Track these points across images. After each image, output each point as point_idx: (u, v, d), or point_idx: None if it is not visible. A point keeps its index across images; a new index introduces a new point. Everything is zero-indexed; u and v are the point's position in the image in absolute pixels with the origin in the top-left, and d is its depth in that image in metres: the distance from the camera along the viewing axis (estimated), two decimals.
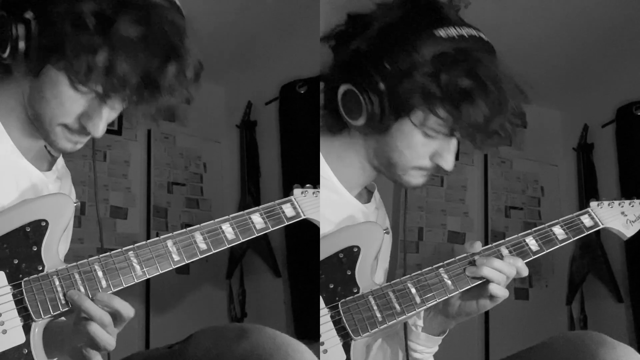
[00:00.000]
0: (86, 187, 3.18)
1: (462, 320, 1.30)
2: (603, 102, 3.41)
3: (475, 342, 3.40)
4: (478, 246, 1.27)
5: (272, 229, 1.30)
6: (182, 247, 1.20)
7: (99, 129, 1.14)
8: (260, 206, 1.31)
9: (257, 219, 1.29)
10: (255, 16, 2.95)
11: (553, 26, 2.89)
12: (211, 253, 1.23)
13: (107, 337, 1.07)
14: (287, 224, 1.32)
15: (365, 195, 1.44)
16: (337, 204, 1.33)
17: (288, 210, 1.33)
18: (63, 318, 1.16)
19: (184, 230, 1.22)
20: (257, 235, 1.28)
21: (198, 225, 1.23)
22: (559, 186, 3.75)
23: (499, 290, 1.23)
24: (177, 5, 1.15)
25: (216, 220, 1.25)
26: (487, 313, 3.44)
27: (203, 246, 1.22)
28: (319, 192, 1.35)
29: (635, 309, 3.16)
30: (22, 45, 1.08)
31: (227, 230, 1.25)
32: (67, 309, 1.11)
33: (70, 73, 1.08)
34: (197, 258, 1.21)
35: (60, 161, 1.33)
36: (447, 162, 1.25)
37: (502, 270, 1.23)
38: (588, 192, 3.45)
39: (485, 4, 2.62)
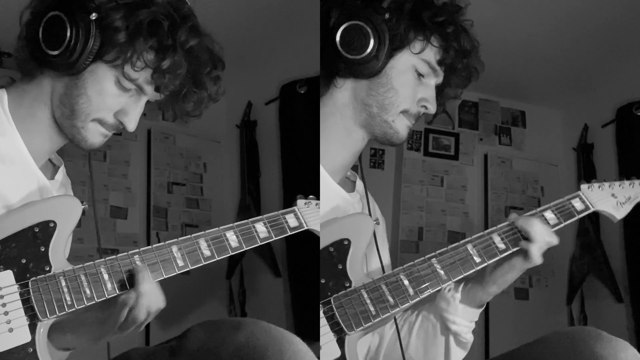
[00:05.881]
0: (86, 187, 3.18)
1: (498, 289, 1.32)
2: (603, 102, 3.42)
3: (475, 341, 3.40)
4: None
5: (275, 239, 1.32)
6: (186, 252, 1.22)
7: (133, 123, 1.25)
8: (264, 215, 1.33)
9: (261, 228, 1.30)
10: (255, 16, 2.95)
11: (553, 26, 2.90)
12: (214, 260, 1.25)
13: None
14: (290, 234, 1.34)
15: (349, 184, 1.44)
16: (322, 193, 1.34)
17: (291, 220, 1.35)
18: None
19: (189, 236, 1.24)
20: (260, 244, 1.30)
21: (203, 232, 1.25)
22: (559, 186, 3.75)
23: (539, 252, 1.26)
24: None
25: (221, 227, 1.27)
26: (487, 313, 3.45)
27: (207, 253, 1.24)
28: (320, 203, 1.36)
29: (635, 309, 3.16)
30: (80, 44, 1.16)
31: (232, 238, 1.27)
32: (72, 309, 1.12)
33: (126, 70, 1.19)
34: (201, 264, 1.23)
35: (62, 170, 1.37)
36: (432, 106, 1.35)
37: (544, 234, 1.27)
38: None
39: (485, 4, 2.63)
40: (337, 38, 1.28)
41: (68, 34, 1.16)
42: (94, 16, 1.16)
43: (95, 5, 1.16)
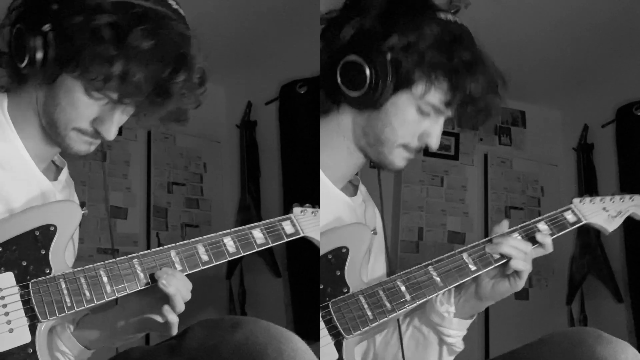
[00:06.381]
0: (86, 187, 3.18)
1: (494, 301, 1.33)
2: (603, 102, 3.42)
3: (475, 342, 3.41)
4: (505, 225, 1.32)
5: (272, 245, 1.34)
6: (184, 257, 1.24)
7: (110, 132, 1.20)
8: (262, 222, 1.35)
9: (258, 234, 1.33)
10: (255, 16, 2.95)
11: (553, 26, 2.90)
12: (212, 265, 1.26)
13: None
14: (286, 240, 1.36)
15: (351, 188, 1.44)
16: (323, 199, 1.35)
17: (288, 227, 1.37)
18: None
19: (187, 241, 1.26)
20: (257, 249, 1.32)
21: (200, 238, 1.27)
22: (559, 186, 3.75)
23: (521, 265, 1.27)
24: (182, 17, 1.22)
25: (218, 233, 1.29)
26: (487, 313, 3.45)
27: (205, 258, 1.25)
28: (318, 211, 1.38)
29: (635, 309, 3.16)
30: (39, 55, 1.14)
31: (229, 243, 1.29)
32: (72, 311, 1.13)
33: (86, 81, 1.15)
34: (199, 269, 1.25)
35: (65, 171, 1.37)
36: (435, 142, 1.33)
37: (517, 247, 1.28)
38: (588, 192, 3.43)
39: (485, 5, 2.63)
40: (338, 71, 1.27)
41: (29, 45, 1.14)
42: (47, 27, 1.13)
43: (51, 15, 1.13)
